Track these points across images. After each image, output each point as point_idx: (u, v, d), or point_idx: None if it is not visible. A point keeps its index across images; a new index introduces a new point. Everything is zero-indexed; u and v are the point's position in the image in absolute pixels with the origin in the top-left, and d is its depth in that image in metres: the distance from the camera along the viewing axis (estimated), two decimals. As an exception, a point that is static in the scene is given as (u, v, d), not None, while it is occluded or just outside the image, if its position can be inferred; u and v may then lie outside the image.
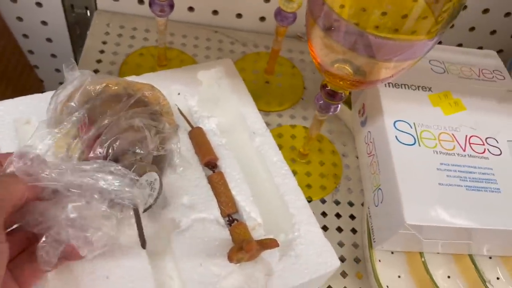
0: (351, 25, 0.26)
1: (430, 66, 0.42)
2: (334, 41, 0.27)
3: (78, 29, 0.53)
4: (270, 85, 0.49)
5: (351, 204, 0.42)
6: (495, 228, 0.33)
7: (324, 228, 0.41)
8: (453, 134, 0.38)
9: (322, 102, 0.35)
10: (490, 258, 0.40)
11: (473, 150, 0.37)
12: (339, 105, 0.36)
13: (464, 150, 0.37)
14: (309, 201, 0.41)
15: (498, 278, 0.39)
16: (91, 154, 0.29)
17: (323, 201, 0.42)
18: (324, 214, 0.41)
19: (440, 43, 0.55)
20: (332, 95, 0.34)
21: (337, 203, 0.42)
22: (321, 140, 0.46)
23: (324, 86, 0.34)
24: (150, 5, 0.38)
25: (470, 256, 0.38)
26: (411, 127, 0.37)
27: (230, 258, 0.29)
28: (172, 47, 0.50)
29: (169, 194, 0.32)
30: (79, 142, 0.30)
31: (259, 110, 0.46)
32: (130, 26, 0.50)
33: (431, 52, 0.42)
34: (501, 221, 0.34)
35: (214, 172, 0.34)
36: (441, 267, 0.39)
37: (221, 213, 0.32)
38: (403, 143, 0.36)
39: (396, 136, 0.36)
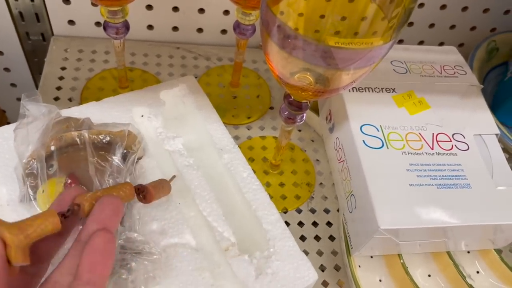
0: (304, 37, 0.26)
1: (392, 67, 0.42)
2: (289, 54, 0.27)
3: (36, 57, 0.52)
4: (237, 98, 0.49)
5: (327, 211, 0.42)
6: (469, 224, 0.34)
7: (302, 238, 0.40)
8: (420, 134, 0.38)
9: (287, 113, 0.35)
10: (469, 252, 0.40)
11: (441, 148, 0.37)
12: (305, 115, 0.35)
13: (432, 149, 0.37)
14: (284, 212, 0.41)
15: (478, 272, 0.40)
16: None
17: (299, 211, 0.42)
18: (300, 224, 0.41)
19: (401, 42, 0.56)
20: (297, 106, 0.34)
21: (313, 211, 0.42)
22: (293, 149, 0.45)
23: (287, 97, 0.34)
24: (105, 28, 0.37)
25: (448, 253, 0.38)
26: (378, 130, 0.37)
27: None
28: (134, 67, 0.49)
29: (141, 221, 0.31)
30: None
31: (228, 124, 0.46)
32: (89, 50, 0.49)
33: (393, 53, 0.43)
34: (473, 216, 0.34)
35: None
36: (421, 266, 0.39)
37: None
38: (371, 147, 0.36)
39: (363, 141, 0.36)
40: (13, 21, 0.48)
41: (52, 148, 0.31)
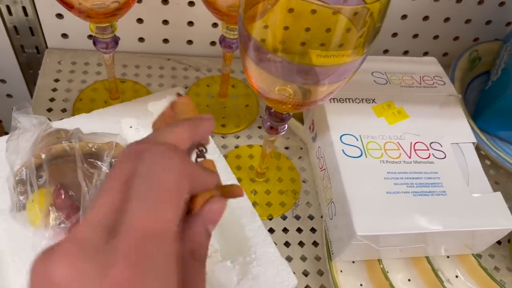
0: (279, 55, 0.28)
1: (373, 78, 0.43)
2: (265, 71, 0.28)
3: (31, 68, 0.53)
4: (226, 107, 0.50)
5: (311, 217, 0.43)
6: (444, 230, 0.35)
7: (286, 244, 0.41)
8: (398, 143, 0.39)
9: (269, 124, 0.36)
10: (448, 257, 0.41)
11: (418, 156, 0.39)
12: (286, 126, 0.37)
13: (410, 157, 0.38)
14: (270, 219, 0.43)
15: (456, 276, 0.41)
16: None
17: (284, 218, 0.43)
18: (285, 230, 0.42)
19: (386, 52, 0.57)
20: (278, 117, 0.35)
21: (297, 218, 0.43)
22: (279, 158, 0.47)
23: (269, 109, 0.36)
24: (94, 43, 0.39)
25: (427, 258, 0.39)
26: (357, 140, 0.38)
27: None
28: (125, 78, 0.50)
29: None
30: (55, 211, 0.30)
31: (216, 133, 0.48)
32: (82, 62, 0.51)
33: (374, 64, 0.44)
34: (448, 223, 0.35)
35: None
36: (401, 271, 0.40)
37: None
38: (350, 156, 0.37)
39: (343, 150, 0.37)
40: (8, 35, 0.49)
41: (42, 158, 0.33)
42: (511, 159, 0.46)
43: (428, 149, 0.39)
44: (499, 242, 0.44)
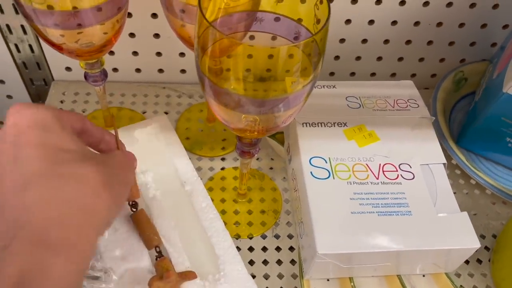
0: (231, 91, 0.30)
1: (346, 102, 0.45)
2: (223, 106, 0.31)
3: (40, 99, 0.58)
4: (215, 131, 0.53)
5: (290, 236, 0.45)
6: (405, 249, 0.36)
7: (265, 262, 0.43)
8: (367, 164, 0.41)
9: (241, 150, 0.39)
10: (424, 276, 0.42)
11: (386, 177, 0.40)
12: (258, 148, 0.39)
13: (378, 178, 0.40)
14: (250, 238, 0.45)
15: (431, 295, 0.42)
16: None
17: (264, 237, 0.45)
18: (264, 248, 0.44)
19: (374, 74, 0.59)
20: (248, 143, 0.38)
21: (277, 237, 0.45)
22: (263, 179, 0.49)
23: (238, 136, 0.38)
24: (85, 77, 0.43)
25: (399, 276, 0.41)
26: (326, 162, 0.40)
27: (150, 285, 0.32)
28: (122, 106, 0.54)
29: (103, 249, 0.36)
30: None
31: (204, 156, 0.51)
32: (83, 92, 0.55)
33: (348, 89, 0.46)
34: (411, 242, 0.36)
35: (135, 211, 0.37)
36: (376, 289, 0.42)
37: (147, 246, 0.35)
38: (318, 178, 0.39)
39: (311, 172, 0.40)
40: (18, 70, 0.54)
41: None
42: (489, 178, 0.47)
43: (396, 170, 0.41)
44: (479, 261, 0.45)
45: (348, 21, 0.52)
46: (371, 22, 0.52)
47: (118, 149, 0.32)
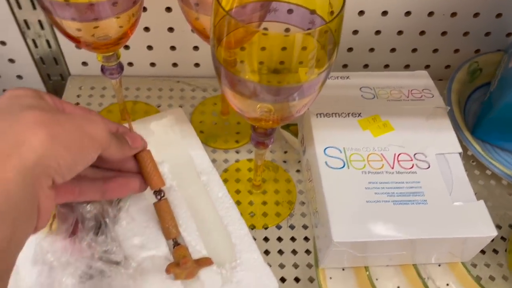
0: (248, 80, 0.31)
1: (360, 93, 0.45)
2: (240, 95, 0.32)
3: (57, 94, 0.59)
4: (229, 124, 0.54)
5: (305, 227, 0.45)
6: (420, 237, 0.36)
7: (280, 252, 0.44)
8: (382, 154, 0.41)
9: (256, 140, 0.39)
10: (440, 266, 0.42)
11: (401, 167, 0.40)
12: (272, 139, 0.40)
13: (392, 168, 0.40)
14: (265, 228, 0.45)
15: (447, 285, 0.41)
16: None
17: (279, 227, 0.46)
18: (279, 239, 0.45)
19: (387, 66, 0.59)
20: (263, 133, 0.38)
21: (292, 227, 0.46)
22: (277, 171, 0.50)
23: (254, 126, 0.38)
24: (102, 71, 0.43)
25: (415, 266, 0.41)
26: (341, 152, 0.40)
27: (167, 271, 0.33)
28: (138, 100, 0.55)
29: (122, 238, 0.36)
30: (57, 218, 0.35)
31: (218, 148, 0.51)
32: (100, 86, 0.56)
33: (363, 80, 0.46)
34: (426, 230, 0.36)
35: (159, 199, 0.37)
36: (391, 279, 0.41)
37: (165, 236, 0.36)
38: (332, 168, 0.39)
39: (325, 162, 0.40)
40: (36, 65, 0.55)
41: None
42: (505, 169, 0.46)
43: (411, 160, 0.41)
44: (495, 251, 0.45)
45: (361, 12, 0.51)
46: (384, 13, 0.52)
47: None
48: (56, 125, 0.27)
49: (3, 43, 0.52)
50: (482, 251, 0.44)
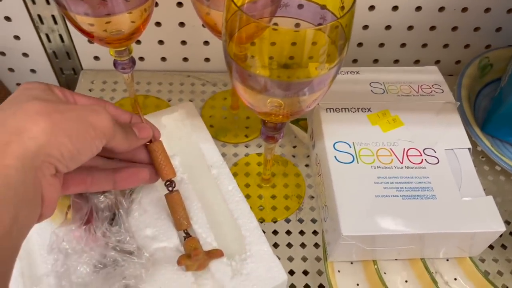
0: (259, 75, 0.31)
1: (370, 88, 0.45)
2: (250, 90, 0.32)
3: (69, 88, 0.60)
4: (238, 118, 0.54)
5: (314, 221, 0.46)
6: (428, 232, 0.36)
7: (289, 245, 0.44)
8: (391, 149, 0.41)
9: (265, 134, 0.40)
10: (448, 260, 0.42)
11: (411, 162, 0.40)
12: (282, 133, 0.40)
13: (402, 163, 0.40)
14: (274, 222, 0.46)
15: (455, 279, 0.42)
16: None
17: (287, 221, 0.46)
18: (288, 232, 0.45)
19: (397, 61, 0.59)
20: (273, 127, 0.39)
21: (301, 221, 0.46)
22: (286, 165, 0.50)
23: (264, 121, 0.39)
24: (114, 65, 0.44)
25: (423, 260, 0.41)
26: (350, 147, 0.41)
27: (179, 263, 0.33)
28: (149, 94, 0.56)
29: (134, 229, 0.37)
30: (72, 211, 0.36)
31: (228, 142, 0.52)
32: (111, 81, 0.57)
33: (372, 75, 0.46)
34: (435, 225, 0.37)
35: (171, 190, 0.37)
36: (399, 272, 0.42)
37: (176, 227, 0.36)
38: (342, 162, 0.40)
39: (335, 156, 0.40)
40: (49, 59, 0.56)
41: None
42: (515, 164, 0.46)
43: (421, 155, 0.41)
44: (504, 247, 0.45)
45: (371, 7, 0.51)
46: (394, 8, 0.52)
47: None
48: (57, 114, 0.27)
49: (17, 37, 0.53)
50: (491, 246, 0.44)
